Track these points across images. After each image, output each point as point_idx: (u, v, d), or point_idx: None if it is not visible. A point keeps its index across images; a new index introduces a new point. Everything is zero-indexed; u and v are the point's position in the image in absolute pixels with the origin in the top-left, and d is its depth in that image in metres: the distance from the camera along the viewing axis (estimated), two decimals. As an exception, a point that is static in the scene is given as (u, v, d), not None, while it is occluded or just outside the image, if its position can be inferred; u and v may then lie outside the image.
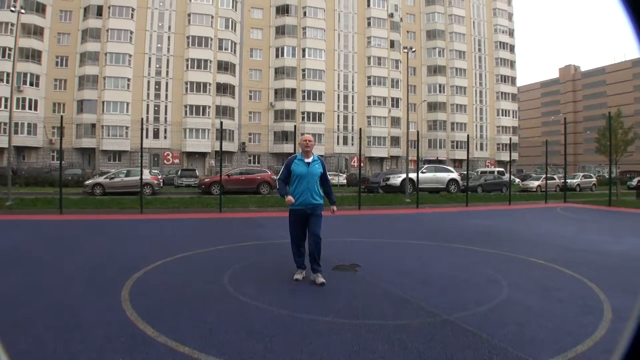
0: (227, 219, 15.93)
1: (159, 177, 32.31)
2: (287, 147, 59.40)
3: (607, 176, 27.23)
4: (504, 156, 74.33)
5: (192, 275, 6.96)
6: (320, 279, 6.41)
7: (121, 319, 4.75)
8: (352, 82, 70.58)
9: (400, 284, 6.48)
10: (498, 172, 47.38)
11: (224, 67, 62.33)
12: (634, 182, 39.95)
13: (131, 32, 58.34)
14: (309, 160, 6.74)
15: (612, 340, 4.35)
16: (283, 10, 66.71)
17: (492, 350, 4.09)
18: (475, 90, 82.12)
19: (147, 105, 59.41)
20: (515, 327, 4.74)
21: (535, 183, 38.80)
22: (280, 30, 66.62)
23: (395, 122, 72.35)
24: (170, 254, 8.48)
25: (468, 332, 4.52)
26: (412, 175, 26.78)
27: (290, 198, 6.47)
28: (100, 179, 29.49)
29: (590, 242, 11.09)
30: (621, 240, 11.70)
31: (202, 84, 60.56)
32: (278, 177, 6.87)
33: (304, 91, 66.14)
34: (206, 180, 30.98)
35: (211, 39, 61.47)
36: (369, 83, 70.99)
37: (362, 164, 27.17)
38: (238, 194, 25.76)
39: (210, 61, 61.13)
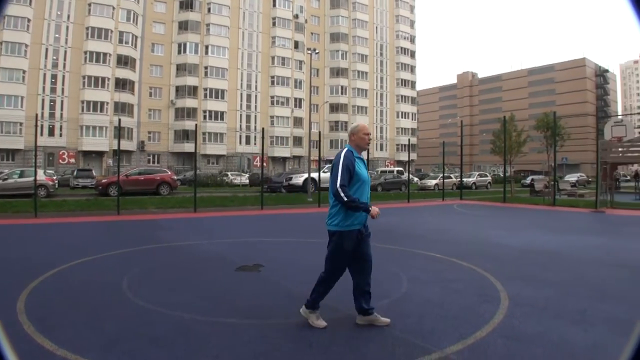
0: (126, 221, 15.30)
1: (54, 178, 30.39)
2: (188, 147, 58.41)
3: (502, 175, 29.06)
4: (403, 156, 77.20)
5: (90, 282, 6.67)
6: (385, 319, 4.77)
7: (18, 333, 4.43)
8: (256, 82, 70.35)
9: (304, 283, 6.50)
10: (397, 171, 48.99)
11: (124, 61, 59.49)
12: (528, 180, 42.72)
13: (28, 20, 53.64)
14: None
15: (510, 326, 4.76)
16: (187, 5, 65.07)
17: (395, 342, 4.29)
18: (376, 93, 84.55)
19: (43, 100, 55.26)
20: (416, 318, 5.00)
21: (433, 182, 40.35)
22: (183, 26, 64.89)
23: (297, 122, 72.90)
24: (68, 260, 8.07)
25: (371, 326, 4.70)
26: (314, 175, 27.10)
27: (376, 208, 4.55)
28: (-8, 181, 27.24)
29: (486, 236, 11.79)
30: (515, 234, 12.52)
31: (100, 79, 57.32)
32: (340, 182, 4.47)
33: (206, 89, 64.90)
34: (103, 181, 29.61)
35: (111, 32, 58.37)
36: (272, 83, 71.12)
37: (264, 164, 27.11)
38: (137, 195, 24.93)
39: (110, 55, 58.08)
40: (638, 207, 21.76)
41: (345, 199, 4.41)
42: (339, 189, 4.44)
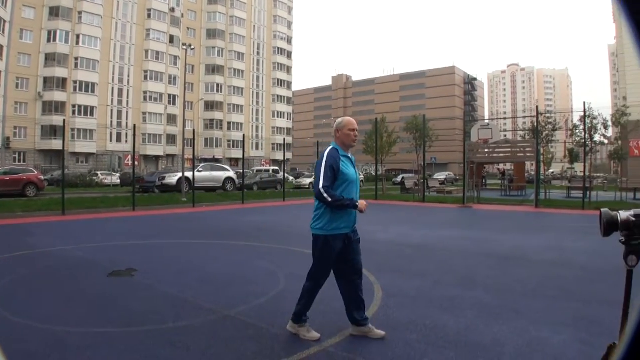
0: None
1: None
2: (56, 144, 53.83)
3: (374, 173, 30.18)
4: (279, 155, 77.59)
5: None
6: (380, 332, 4.39)
7: None
8: (128, 76, 67.12)
9: (179, 285, 6.36)
10: (273, 170, 49.17)
11: None
12: (399, 178, 44.58)
13: None
14: (352, 158, 4.51)
15: (384, 315, 4.96)
16: (59, -11, 59.44)
17: (274, 339, 4.29)
18: (253, 92, 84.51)
19: None
20: (295, 316, 4.97)
21: (308, 180, 40.87)
22: (55, 12, 59.50)
23: (171, 119, 70.83)
24: None
25: (249, 325, 4.66)
26: (189, 174, 26.51)
27: (363, 202, 4.26)
28: None
29: (360, 232, 12.02)
30: (387, 228, 12.97)
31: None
32: (322, 183, 4.13)
33: (76, 82, 60.40)
34: (-36, 182, 26.84)
35: None
36: (145, 78, 68.40)
37: (136, 163, 26.11)
38: (1, 197, 22.82)
39: None
40: (503, 203, 23.53)
41: (330, 200, 4.08)
42: (322, 190, 4.10)
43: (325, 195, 4.08)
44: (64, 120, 21.25)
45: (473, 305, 5.35)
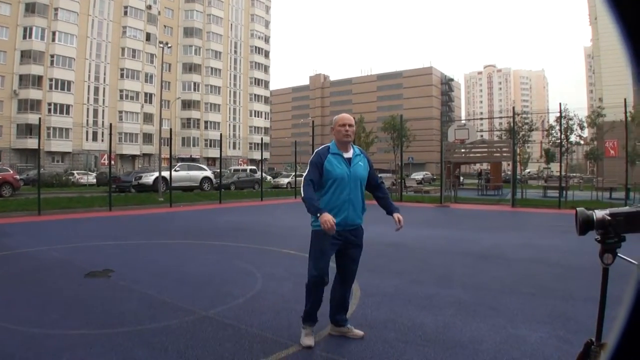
0: None
1: None
2: (31, 143, 52.77)
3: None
4: (256, 155, 77.52)
5: None
6: (359, 332, 4.35)
7: None
8: (104, 74, 66.29)
9: (157, 286, 6.31)
10: (250, 170, 48.99)
11: None
12: (378, 177, 44.66)
13: None
14: (349, 154, 4.25)
15: (362, 314, 4.99)
16: (35, -15, 58.35)
17: (252, 339, 4.27)
18: (230, 91, 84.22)
19: None
20: (272, 314, 5.01)
21: (286, 180, 40.75)
22: (30, 8, 58.49)
23: (148, 118, 70.14)
24: None
25: (227, 326, 4.64)
26: (165, 174, 26.31)
27: (328, 218, 3.79)
28: None
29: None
30: (364, 227, 12.90)
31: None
32: (305, 176, 4.10)
33: (51, 79, 59.48)
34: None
35: None
36: (122, 76, 67.65)
37: (112, 162, 25.82)
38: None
39: None
40: (479, 202, 23.77)
41: (302, 194, 3.98)
42: (304, 182, 4.04)
43: (303, 188, 4.02)
44: (40, 118, 20.90)
45: (451, 303, 5.40)
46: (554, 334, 4.33)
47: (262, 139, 37.82)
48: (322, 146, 4.29)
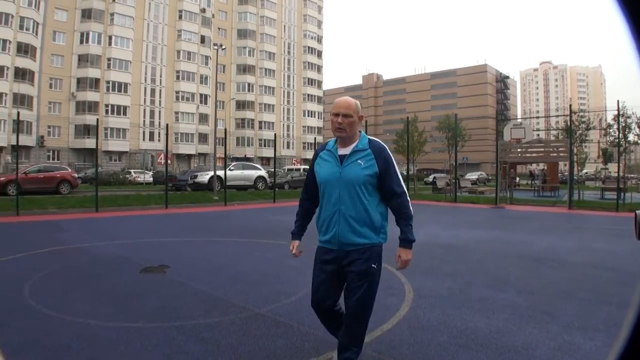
0: (25, 222, 14.17)
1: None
2: (89, 142, 55.00)
3: (405, 173, 29.99)
4: (310, 154, 77.42)
5: (-14, 288, 6.08)
6: None
7: None
8: (160, 76, 68.11)
9: (211, 283, 6.43)
10: (304, 169, 49.15)
11: (24, 49, 54.66)
12: (430, 178, 44.27)
13: None
14: (347, 151, 3.19)
15: (415, 316, 4.92)
16: (90, -8, 60.77)
17: (304, 337, 4.29)
18: (283, 91, 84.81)
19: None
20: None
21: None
22: (87, 14, 60.86)
23: (203, 118, 71.57)
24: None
25: (280, 323, 4.68)
26: (220, 173, 26.72)
27: (291, 246, 3.54)
28: None
29: (390, 232, 11.99)
30: (416, 229, 12.62)
31: (-1, 68, 52.30)
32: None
33: (108, 82, 61.63)
34: (1, 179, 27.57)
35: (12, 17, 53.25)
36: (177, 77, 69.30)
37: (169, 161, 26.46)
38: (36, 194, 23.32)
39: (10, 42, 53.00)
40: (535, 203, 23.17)
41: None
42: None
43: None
44: (97, 119, 21.61)
45: (505, 307, 5.28)
46: (609, 343, 4.14)
47: (315, 138, 38.20)
48: (325, 142, 3.40)
